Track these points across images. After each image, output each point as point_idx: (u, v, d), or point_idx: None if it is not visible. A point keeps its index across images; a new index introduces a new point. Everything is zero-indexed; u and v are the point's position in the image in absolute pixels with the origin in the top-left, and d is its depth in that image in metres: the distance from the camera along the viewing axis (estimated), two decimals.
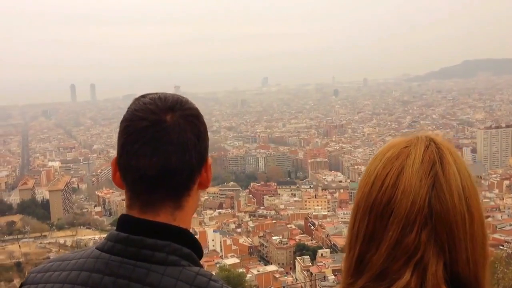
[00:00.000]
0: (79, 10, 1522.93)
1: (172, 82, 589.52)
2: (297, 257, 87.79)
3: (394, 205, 1.40)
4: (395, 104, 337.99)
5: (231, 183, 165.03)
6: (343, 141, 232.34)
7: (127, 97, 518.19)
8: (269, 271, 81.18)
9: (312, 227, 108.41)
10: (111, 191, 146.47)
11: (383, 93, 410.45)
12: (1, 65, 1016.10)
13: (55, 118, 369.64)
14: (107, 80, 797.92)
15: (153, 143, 1.56)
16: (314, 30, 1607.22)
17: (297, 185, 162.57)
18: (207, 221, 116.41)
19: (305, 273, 79.26)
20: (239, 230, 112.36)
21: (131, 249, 1.54)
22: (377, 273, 1.43)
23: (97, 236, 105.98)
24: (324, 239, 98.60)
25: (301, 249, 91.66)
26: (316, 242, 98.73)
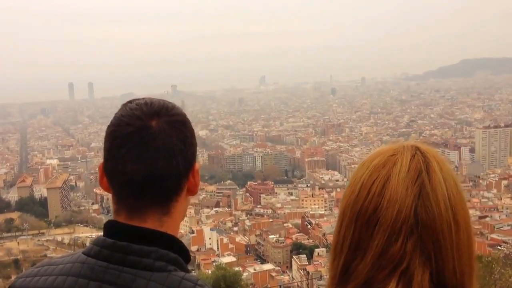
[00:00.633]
0: (78, 9, 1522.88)
1: (170, 81, 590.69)
2: (293, 256, 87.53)
3: (380, 214, 1.39)
4: (393, 103, 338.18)
5: (228, 181, 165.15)
6: (340, 140, 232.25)
7: (125, 96, 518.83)
8: (266, 270, 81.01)
9: (309, 226, 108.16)
10: None
11: (381, 92, 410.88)
12: (0, 64, 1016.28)
13: (53, 116, 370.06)
14: (105, 79, 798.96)
15: (139, 148, 1.56)
16: (312, 29, 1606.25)
17: (294, 184, 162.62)
18: (204, 219, 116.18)
19: (301, 272, 79.06)
20: (236, 228, 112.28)
21: (117, 255, 1.53)
22: (362, 282, 1.41)
23: (94, 234, 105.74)
24: (320, 238, 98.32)
25: (297, 248, 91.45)
26: (313, 241, 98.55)
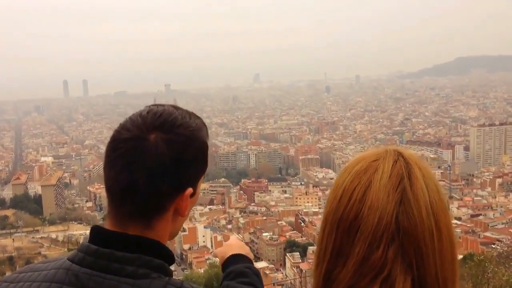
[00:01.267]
0: (72, 6, 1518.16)
1: (164, 79, 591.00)
2: (287, 254, 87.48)
3: (361, 220, 1.37)
4: (387, 101, 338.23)
5: (222, 179, 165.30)
6: (334, 138, 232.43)
7: (119, 93, 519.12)
8: (260, 268, 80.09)
9: (303, 223, 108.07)
10: (102, 186, 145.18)
11: (376, 90, 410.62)
12: None
13: (47, 114, 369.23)
14: (99, 77, 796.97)
15: (125, 159, 1.53)
16: (307, 26, 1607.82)
17: (288, 181, 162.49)
18: (197, 217, 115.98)
19: (295, 269, 79.01)
20: (229, 226, 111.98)
21: (101, 262, 1.52)
22: None
23: (88, 231, 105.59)
24: (314, 236, 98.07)
25: (291, 245, 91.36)
26: (306, 238, 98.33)
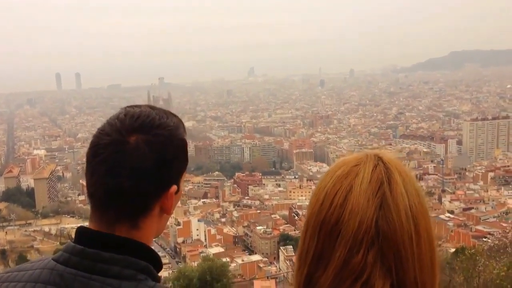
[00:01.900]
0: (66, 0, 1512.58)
1: (157, 72, 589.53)
2: (281, 247, 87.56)
3: (342, 225, 1.38)
4: (381, 95, 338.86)
5: (216, 172, 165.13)
6: (328, 131, 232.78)
7: (112, 87, 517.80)
8: (254, 261, 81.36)
9: (296, 217, 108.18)
10: None
11: (370, 84, 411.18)
12: None
13: (40, 107, 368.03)
14: (92, 70, 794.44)
15: (108, 163, 1.53)
16: (302, 21, 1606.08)
17: (282, 175, 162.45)
18: (191, 210, 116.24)
19: (288, 262, 79.18)
20: (223, 219, 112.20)
21: (86, 262, 1.52)
22: None
23: (80, 224, 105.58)
24: None
25: (285, 239, 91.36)
26: (300, 232, 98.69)
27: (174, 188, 1.65)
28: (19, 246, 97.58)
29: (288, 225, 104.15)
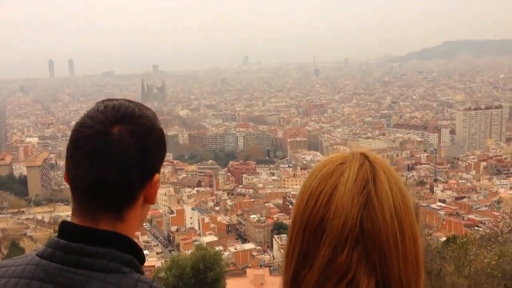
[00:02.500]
0: None
1: (151, 60, 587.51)
2: (274, 236, 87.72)
3: (327, 224, 1.38)
4: (375, 84, 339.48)
5: (210, 161, 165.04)
6: (322, 120, 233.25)
7: (105, 74, 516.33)
8: (247, 249, 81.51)
9: (290, 206, 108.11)
10: None
11: (364, 74, 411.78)
12: None
13: (33, 94, 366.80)
14: (85, 57, 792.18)
15: (92, 155, 1.54)
16: (297, 9, 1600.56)
17: (276, 164, 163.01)
18: (185, 198, 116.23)
19: (282, 251, 79.13)
20: (217, 208, 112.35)
21: (71, 256, 1.52)
22: None
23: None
24: None
25: (278, 227, 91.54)
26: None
27: (157, 176, 1.67)
28: (12, 234, 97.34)
29: (282, 213, 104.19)
